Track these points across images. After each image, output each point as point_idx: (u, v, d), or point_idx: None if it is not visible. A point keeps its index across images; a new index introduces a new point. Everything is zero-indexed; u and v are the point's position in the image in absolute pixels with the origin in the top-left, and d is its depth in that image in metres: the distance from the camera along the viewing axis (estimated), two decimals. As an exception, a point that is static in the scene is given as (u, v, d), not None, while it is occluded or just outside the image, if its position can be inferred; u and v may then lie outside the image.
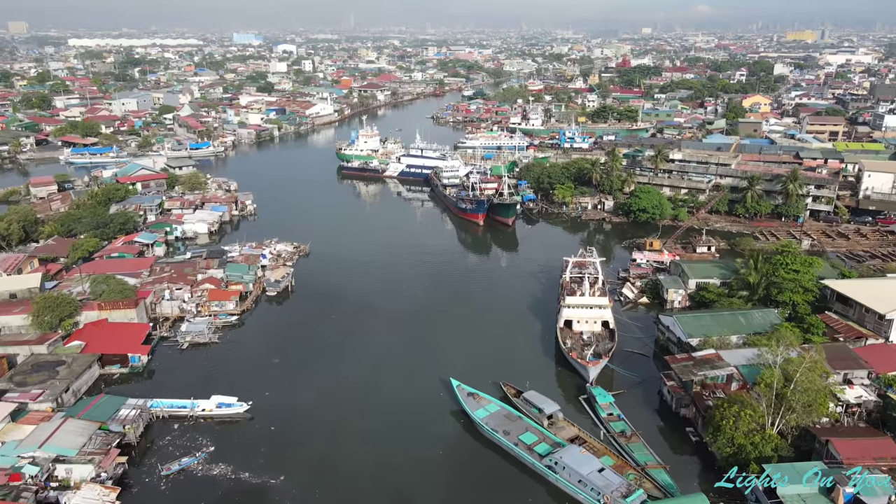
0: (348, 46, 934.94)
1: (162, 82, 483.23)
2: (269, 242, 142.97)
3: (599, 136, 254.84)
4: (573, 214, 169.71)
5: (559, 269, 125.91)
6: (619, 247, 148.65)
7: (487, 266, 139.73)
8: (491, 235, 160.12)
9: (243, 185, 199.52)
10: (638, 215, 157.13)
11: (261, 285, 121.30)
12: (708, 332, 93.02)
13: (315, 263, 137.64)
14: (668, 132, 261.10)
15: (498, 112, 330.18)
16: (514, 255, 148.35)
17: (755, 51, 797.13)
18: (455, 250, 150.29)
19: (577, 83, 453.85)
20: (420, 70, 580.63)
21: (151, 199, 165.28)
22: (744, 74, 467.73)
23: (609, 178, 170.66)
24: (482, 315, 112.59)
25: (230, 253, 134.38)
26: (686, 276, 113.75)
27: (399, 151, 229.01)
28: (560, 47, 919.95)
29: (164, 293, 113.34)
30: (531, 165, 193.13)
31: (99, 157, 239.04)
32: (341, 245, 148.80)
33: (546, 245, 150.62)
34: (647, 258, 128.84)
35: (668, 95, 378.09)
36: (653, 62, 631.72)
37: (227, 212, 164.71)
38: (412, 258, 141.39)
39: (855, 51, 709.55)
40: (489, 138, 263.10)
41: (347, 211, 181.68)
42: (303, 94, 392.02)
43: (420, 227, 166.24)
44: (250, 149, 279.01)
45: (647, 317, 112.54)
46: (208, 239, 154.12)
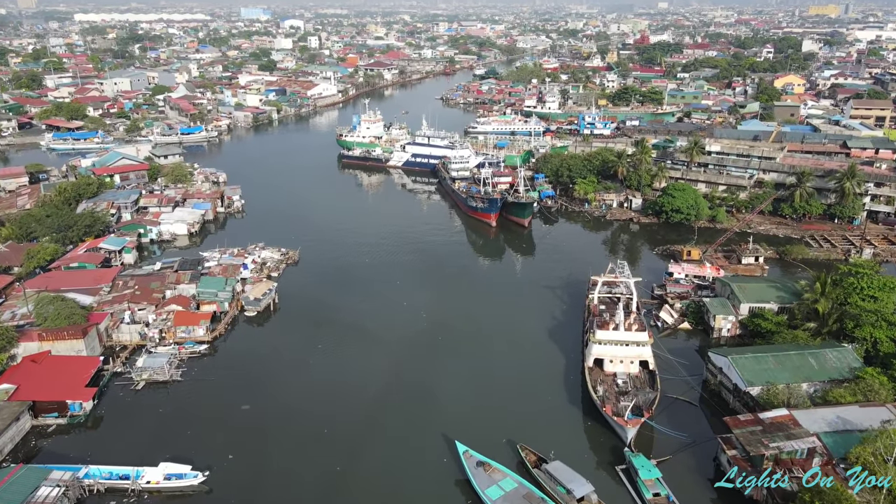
0: (357, 22, 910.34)
1: (162, 59, 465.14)
2: (253, 248, 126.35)
3: (622, 120, 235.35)
4: (596, 213, 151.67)
5: (583, 283, 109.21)
6: (651, 253, 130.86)
7: (500, 278, 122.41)
8: (504, 238, 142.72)
9: (234, 175, 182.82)
10: (671, 216, 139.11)
11: (238, 304, 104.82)
12: (772, 379, 75.65)
13: (304, 274, 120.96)
14: (696, 116, 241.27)
15: (511, 93, 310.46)
16: (530, 263, 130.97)
17: (778, 26, 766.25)
18: (464, 256, 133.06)
19: (594, 61, 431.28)
20: (430, 47, 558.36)
21: (127, 195, 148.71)
22: (770, 52, 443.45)
23: (637, 172, 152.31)
24: (494, 344, 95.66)
25: (207, 262, 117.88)
26: (736, 298, 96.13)
27: (404, 138, 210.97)
28: (575, 23, 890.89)
29: (123, 315, 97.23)
30: (549, 156, 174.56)
31: (82, 142, 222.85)
32: (335, 250, 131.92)
33: (567, 250, 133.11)
34: (686, 271, 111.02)
35: (691, 75, 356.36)
36: (672, 38, 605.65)
37: (210, 209, 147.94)
38: (414, 266, 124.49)
39: (883, 26, 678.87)
40: (502, 123, 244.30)
41: (345, 206, 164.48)
42: (305, 73, 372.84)
43: (425, 227, 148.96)
44: (247, 133, 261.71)
45: (688, 346, 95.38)
46: (188, 241, 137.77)
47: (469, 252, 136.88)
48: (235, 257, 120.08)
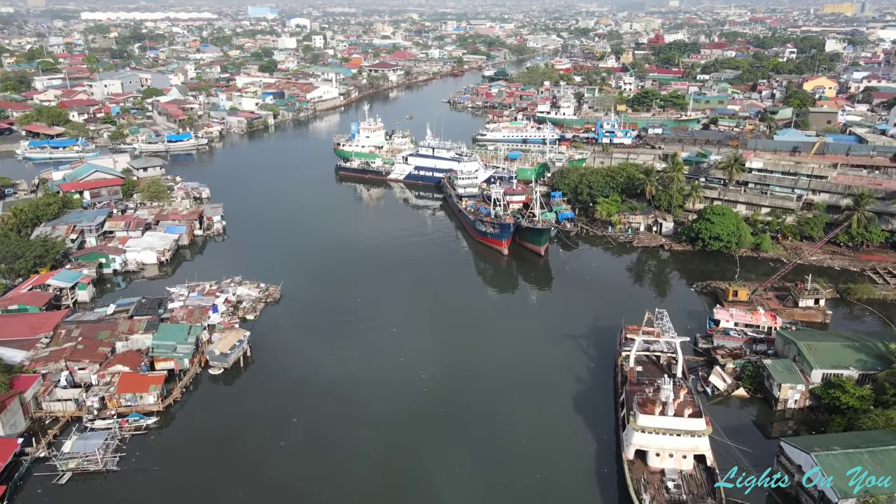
0: (364, 21, 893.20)
1: (161, 59, 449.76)
2: (227, 284, 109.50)
3: (643, 128, 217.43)
4: (621, 238, 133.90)
5: (611, 332, 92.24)
6: (688, 290, 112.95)
7: (514, 320, 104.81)
8: (518, 267, 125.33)
9: (220, 189, 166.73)
10: (709, 244, 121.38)
11: (202, 359, 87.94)
12: (874, 490, 58.16)
13: (285, 315, 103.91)
14: (723, 123, 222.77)
15: (522, 97, 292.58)
16: (547, 301, 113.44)
17: (794, 25, 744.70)
18: (471, 291, 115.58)
19: (608, 62, 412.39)
20: (437, 47, 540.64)
21: (92, 217, 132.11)
22: (793, 52, 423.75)
23: (668, 191, 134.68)
24: (507, 420, 78.28)
25: (172, 302, 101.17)
26: (806, 361, 78.47)
27: (407, 148, 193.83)
28: (586, 21, 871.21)
29: (59, 377, 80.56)
30: (566, 171, 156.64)
31: (61, 151, 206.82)
32: (323, 284, 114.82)
33: (590, 285, 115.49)
34: (736, 318, 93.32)
35: (712, 76, 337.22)
36: (687, 38, 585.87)
37: (186, 233, 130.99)
38: (414, 304, 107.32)
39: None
40: (513, 129, 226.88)
41: (339, 227, 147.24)
42: (306, 74, 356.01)
43: (427, 254, 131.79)
44: (241, 139, 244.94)
45: (746, 421, 77.77)
46: (158, 271, 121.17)
47: (477, 285, 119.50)
48: (206, 296, 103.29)
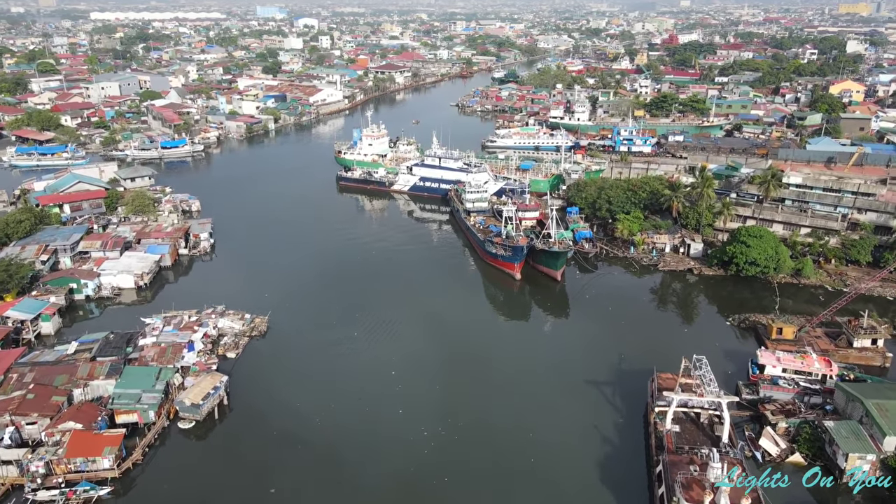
0: (373, 21, 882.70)
1: (164, 60, 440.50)
2: (209, 314, 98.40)
3: (662, 134, 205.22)
4: (645, 261, 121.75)
5: (638, 377, 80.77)
6: (724, 322, 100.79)
7: (527, 358, 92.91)
8: (531, 293, 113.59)
9: (211, 201, 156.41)
10: (744, 269, 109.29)
11: (171, 410, 76.81)
12: None
13: (271, 353, 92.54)
14: (747, 130, 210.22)
15: (534, 100, 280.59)
16: (564, 335, 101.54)
17: (810, 25, 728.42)
18: (480, 322, 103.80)
19: (622, 63, 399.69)
20: (446, 47, 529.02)
21: (67, 235, 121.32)
22: (814, 53, 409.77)
23: (696, 209, 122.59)
24: (521, 489, 66.72)
25: (144, 338, 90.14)
26: (877, 425, 66.43)
27: (413, 156, 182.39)
28: (597, 21, 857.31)
29: (2, 434, 69.64)
30: (583, 184, 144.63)
31: (49, 158, 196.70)
32: (317, 315, 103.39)
33: (612, 316, 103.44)
34: (784, 364, 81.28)
35: (731, 79, 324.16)
36: (701, 38, 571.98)
37: (169, 253, 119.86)
38: (416, 339, 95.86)
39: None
40: (525, 136, 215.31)
41: (338, 245, 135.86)
42: (310, 76, 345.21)
43: (432, 276, 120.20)
44: (239, 145, 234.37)
45: (804, 493, 65.86)
46: (136, 296, 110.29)
47: (486, 315, 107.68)
48: (182, 329, 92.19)
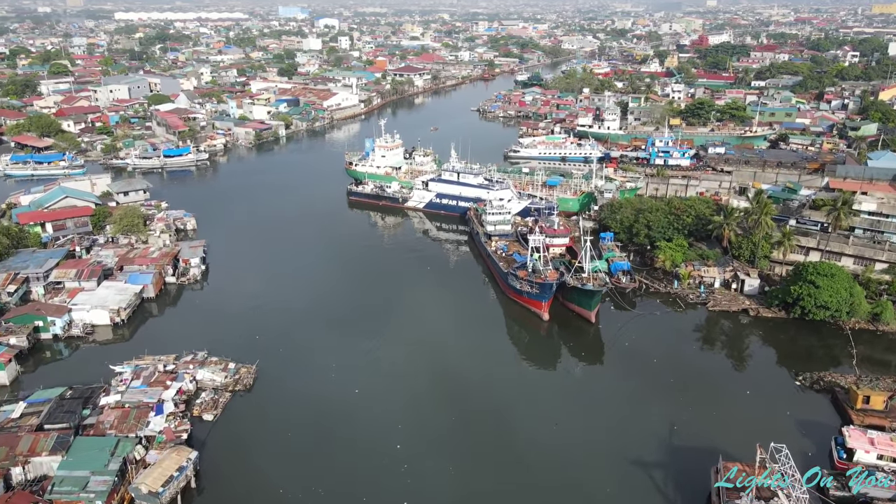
0: (394, 21, 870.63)
1: (180, 61, 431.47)
2: (187, 363, 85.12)
3: (700, 145, 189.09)
4: (691, 298, 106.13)
5: (695, 455, 65.96)
6: (790, 380, 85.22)
7: (558, 427, 78.64)
8: (559, 335, 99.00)
9: (210, 217, 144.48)
10: (812, 313, 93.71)
11: (125, 497, 63.40)
12: None
13: (255, 414, 78.72)
14: (795, 141, 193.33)
15: (559, 105, 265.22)
16: (600, 394, 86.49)
17: (844, 25, 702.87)
18: (501, 374, 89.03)
19: (651, 66, 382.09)
20: (468, 48, 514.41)
21: (41, 261, 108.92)
22: (854, 55, 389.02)
23: (751, 239, 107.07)
24: None
25: (106, 396, 76.95)
26: None
27: (430, 167, 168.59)
28: (622, 22, 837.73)
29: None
30: (617, 205, 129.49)
31: (45, 166, 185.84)
32: (311, 363, 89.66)
33: (657, 371, 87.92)
34: (880, 448, 65.74)
35: (769, 83, 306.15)
36: (731, 39, 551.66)
37: (153, 282, 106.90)
38: (426, 396, 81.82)
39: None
40: (550, 145, 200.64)
41: (343, 273, 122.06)
42: (325, 79, 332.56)
43: (446, 312, 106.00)
44: (248, 153, 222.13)
45: None
46: (111, 335, 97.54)
47: (507, 363, 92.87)
48: (153, 384, 78.81)
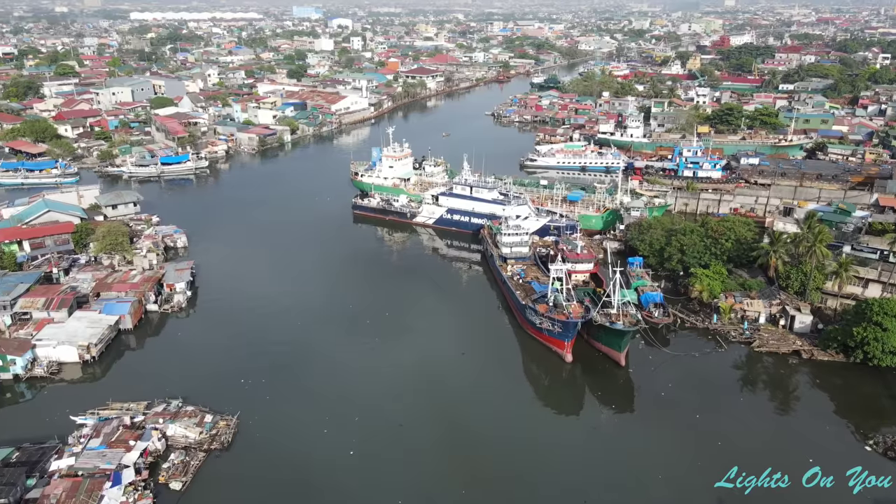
0: (409, 21, 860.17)
1: (189, 62, 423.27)
2: (158, 414, 74.08)
3: (731, 155, 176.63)
4: (733, 335, 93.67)
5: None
6: (859, 443, 72.92)
7: (582, 491, 67.00)
8: (583, 378, 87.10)
9: (203, 232, 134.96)
10: (879, 359, 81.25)
11: None
12: None
13: (231, 481, 67.25)
14: (834, 151, 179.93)
15: (578, 110, 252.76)
16: (634, 452, 74.32)
17: (868, 26, 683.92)
18: (515, 424, 77.26)
19: (672, 67, 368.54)
20: (482, 49, 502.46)
21: (11, 286, 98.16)
22: (886, 58, 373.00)
23: (801, 269, 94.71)
24: None
25: (60, 457, 66.14)
26: None
27: (441, 178, 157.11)
28: (640, 22, 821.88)
29: None
30: (646, 225, 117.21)
31: (37, 174, 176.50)
32: (301, 415, 78.34)
33: (702, 431, 75.66)
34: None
35: (798, 86, 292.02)
36: (753, 40, 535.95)
37: (130, 312, 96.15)
38: (430, 458, 70.48)
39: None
40: (569, 154, 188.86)
41: (342, 299, 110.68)
42: (335, 81, 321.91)
43: (456, 345, 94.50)
44: (251, 159, 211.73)
45: None
46: (81, 373, 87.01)
47: (526, 414, 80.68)
48: (114, 444, 67.84)
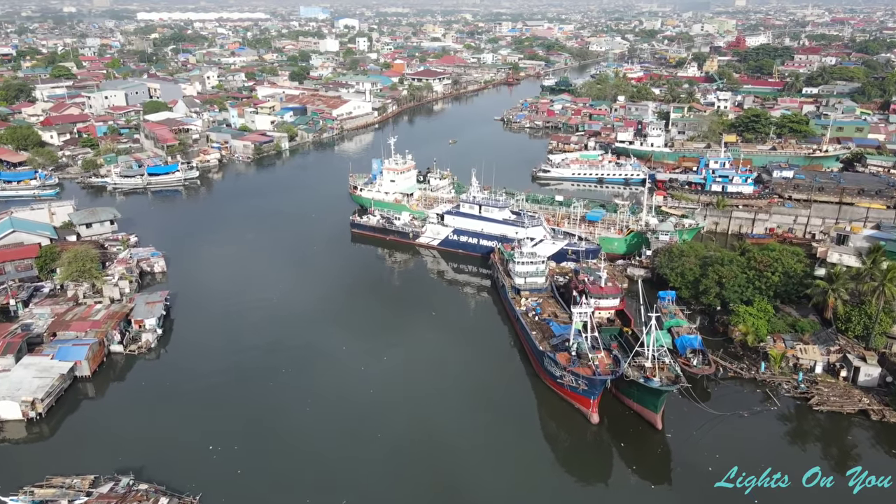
0: (416, 21, 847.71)
1: (190, 64, 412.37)
2: (101, 498, 61.46)
3: (762, 166, 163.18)
4: (786, 388, 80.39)
5: None
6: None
7: None
8: (613, 444, 73.87)
9: (185, 253, 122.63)
10: (966, 430, 68.20)
11: None
12: None
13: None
14: (872, 162, 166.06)
15: (592, 115, 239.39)
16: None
17: (884, 26, 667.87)
18: (530, 498, 64.96)
19: (688, 70, 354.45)
20: (491, 50, 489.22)
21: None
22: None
23: (864, 309, 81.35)
24: None
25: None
26: None
27: (447, 193, 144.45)
28: (651, 22, 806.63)
29: None
30: (677, 252, 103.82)
31: (14, 186, 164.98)
32: (281, 490, 65.66)
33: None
34: None
35: (822, 90, 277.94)
36: (769, 40, 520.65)
37: (88, 357, 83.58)
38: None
39: None
40: (585, 164, 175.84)
41: (338, 337, 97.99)
42: (337, 84, 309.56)
43: (462, 396, 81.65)
44: (246, 168, 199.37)
45: None
46: (25, 433, 74.67)
47: (543, 487, 68.23)
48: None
